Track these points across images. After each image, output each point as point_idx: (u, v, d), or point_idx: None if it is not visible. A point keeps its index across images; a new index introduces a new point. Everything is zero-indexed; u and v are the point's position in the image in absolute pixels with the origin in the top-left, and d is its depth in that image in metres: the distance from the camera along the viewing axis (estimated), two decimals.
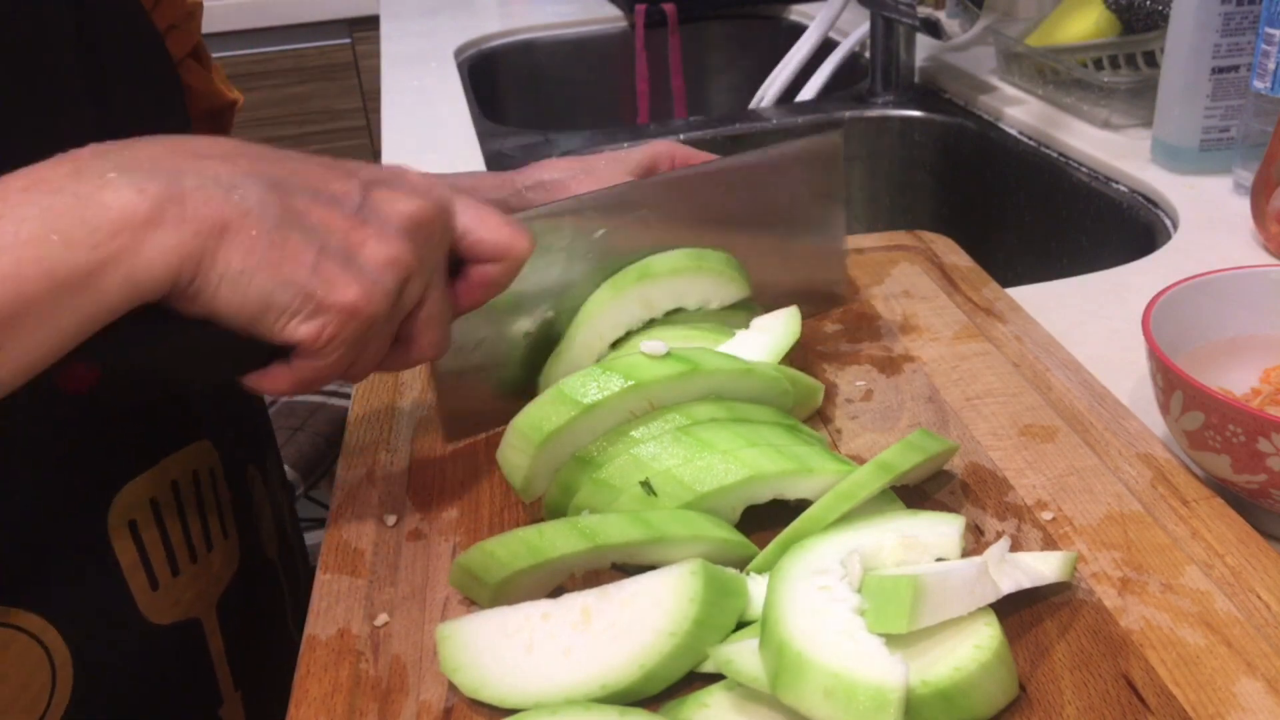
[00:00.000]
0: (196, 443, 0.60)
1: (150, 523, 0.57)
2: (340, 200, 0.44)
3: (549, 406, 0.49)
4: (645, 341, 0.51)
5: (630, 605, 0.43)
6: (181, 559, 0.59)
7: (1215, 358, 0.58)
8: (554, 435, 0.49)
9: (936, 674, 0.39)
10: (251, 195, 0.42)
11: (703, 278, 0.60)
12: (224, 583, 0.63)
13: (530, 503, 0.53)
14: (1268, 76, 0.82)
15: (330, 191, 0.45)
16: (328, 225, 0.44)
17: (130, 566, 0.56)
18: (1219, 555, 0.48)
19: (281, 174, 0.44)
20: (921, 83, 1.27)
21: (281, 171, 0.44)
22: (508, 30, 1.58)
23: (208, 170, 0.42)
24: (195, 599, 0.60)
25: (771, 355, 0.58)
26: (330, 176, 0.45)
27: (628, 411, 0.50)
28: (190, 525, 0.60)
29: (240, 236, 0.41)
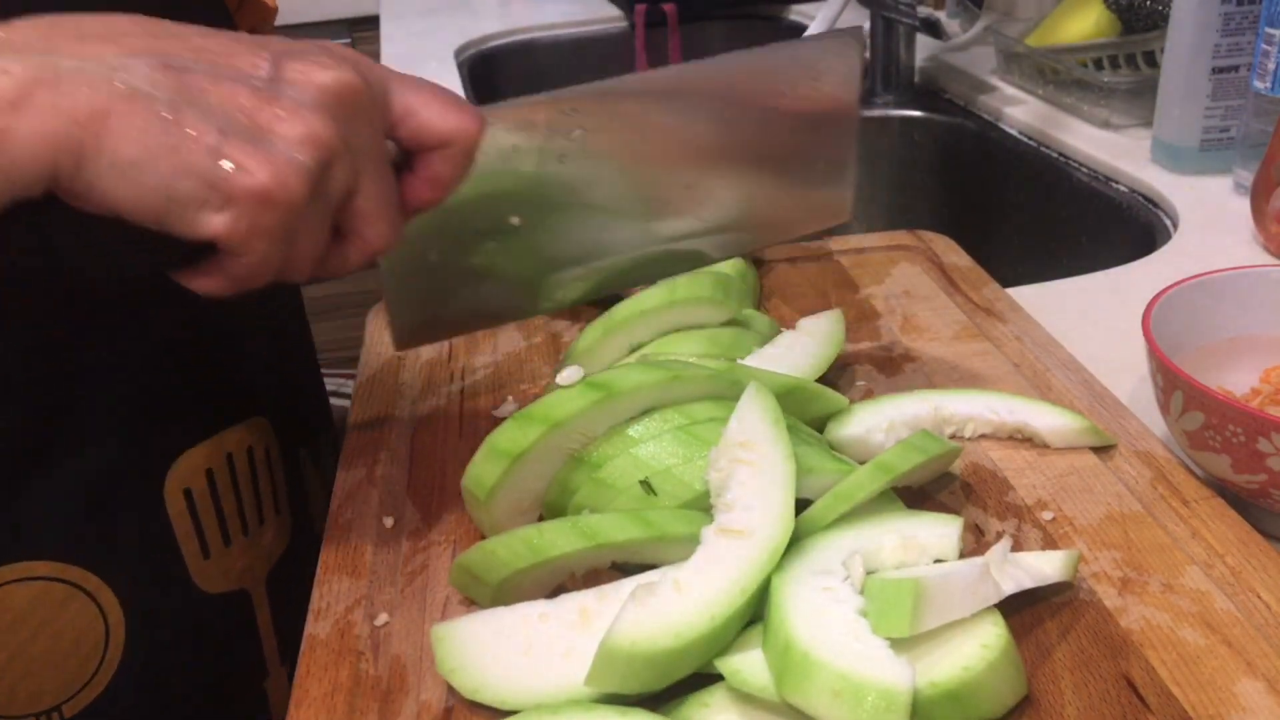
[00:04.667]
0: (254, 419, 0.62)
1: (205, 492, 0.58)
2: (246, 75, 0.40)
3: (484, 464, 0.49)
4: (563, 371, 0.50)
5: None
6: (233, 530, 0.61)
7: (1215, 358, 0.58)
8: (498, 488, 0.49)
9: (944, 674, 0.39)
10: (139, 75, 0.37)
11: (676, 310, 0.58)
12: (274, 558, 0.64)
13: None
14: (1268, 76, 0.82)
15: (235, 66, 0.40)
16: (231, 103, 0.39)
17: (184, 534, 0.58)
18: (1219, 555, 0.48)
19: (177, 50, 0.39)
20: (921, 83, 1.27)
21: (177, 48, 0.39)
22: (508, 30, 1.58)
23: (89, 51, 0.37)
24: (245, 571, 0.62)
25: (814, 368, 0.58)
26: (237, 50, 0.40)
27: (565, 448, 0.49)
28: (244, 498, 0.61)
29: (127, 121, 0.37)
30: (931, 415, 0.56)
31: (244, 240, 0.39)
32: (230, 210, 0.39)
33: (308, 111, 0.40)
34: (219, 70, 0.39)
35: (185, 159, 0.38)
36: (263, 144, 0.39)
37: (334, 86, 0.40)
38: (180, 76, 0.38)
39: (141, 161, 0.37)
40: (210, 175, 0.38)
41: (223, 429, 0.60)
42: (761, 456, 0.46)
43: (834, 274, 0.76)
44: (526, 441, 0.48)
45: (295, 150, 0.39)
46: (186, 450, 0.58)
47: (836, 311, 0.62)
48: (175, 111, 0.38)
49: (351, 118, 0.41)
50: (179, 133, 0.38)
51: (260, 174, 0.38)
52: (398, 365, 0.68)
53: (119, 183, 0.37)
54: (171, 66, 0.38)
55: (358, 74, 0.41)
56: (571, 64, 1.59)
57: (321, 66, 0.40)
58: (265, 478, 0.64)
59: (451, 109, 0.44)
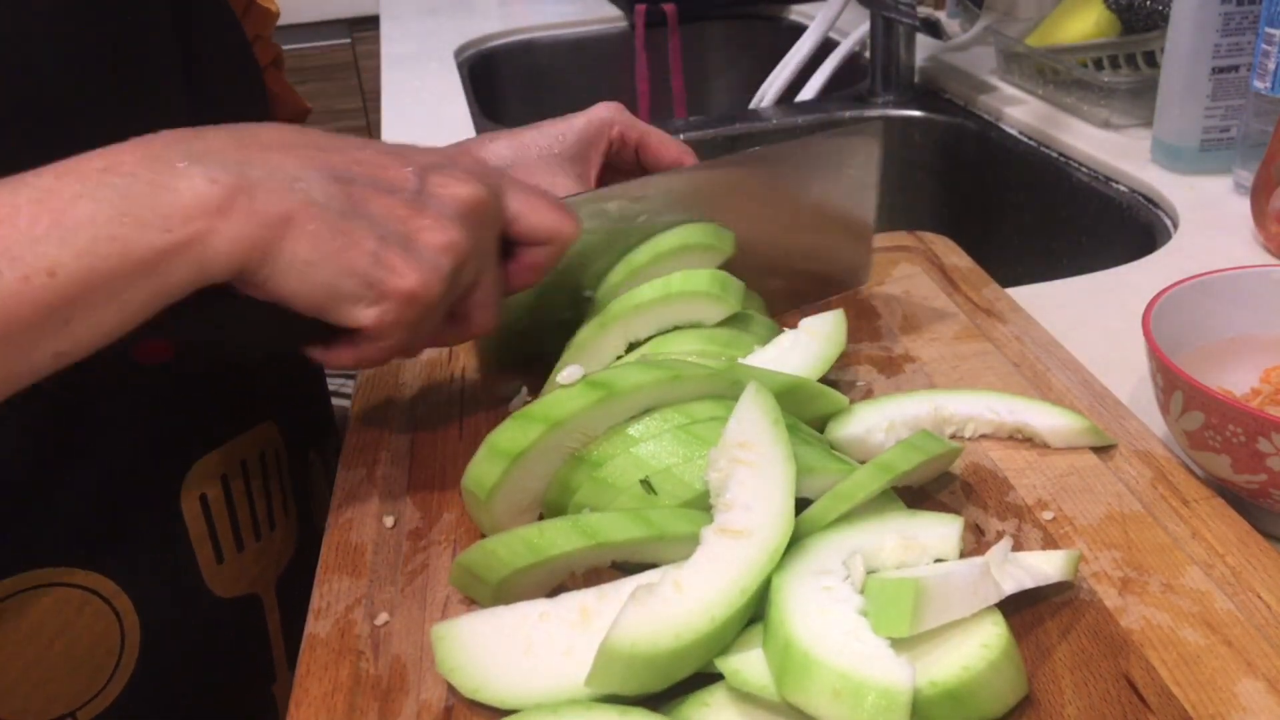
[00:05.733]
0: (264, 424, 0.63)
1: (219, 498, 0.60)
2: (398, 188, 0.46)
3: (484, 464, 0.49)
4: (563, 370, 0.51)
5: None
6: (246, 535, 0.62)
7: (1215, 358, 0.58)
8: (498, 488, 0.49)
9: (945, 674, 0.39)
10: (315, 187, 0.44)
11: (673, 305, 0.58)
12: (284, 562, 0.65)
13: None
14: (1268, 76, 0.82)
15: (388, 179, 0.46)
16: (387, 213, 0.45)
17: (198, 539, 0.59)
18: (1219, 555, 0.48)
19: (342, 163, 0.45)
20: (921, 83, 1.27)
21: (342, 161, 0.45)
22: (508, 30, 1.58)
23: (273, 161, 0.43)
24: (257, 575, 0.63)
25: (815, 368, 0.58)
26: (387, 164, 0.47)
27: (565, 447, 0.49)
28: (255, 503, 0.62)
29: (305, 227, 0.43)
30: (932, 415, 0.56)
31: (387, 330, 0.46)
32: (381, 306, 0.45)
33: (448, 223, 0.46)
34: (376, 183, 0.46)
35: (351, 261, 0.44)
36: (412, 251, 0.46)
37: (469, 200, 0.47)
38: (347, 188, 0.45)
39: (315, 262, 0.44)
40: (370, 276, 0.45)
41: (236, 435, 0.61)
42: (761, 456, 0.46)
43: None
44: (526, 441, 0.48)
45: (438, 257, 0.46)
46: (202, 457, 0.58)
47: (838, 312, 0.62)
48: (345, 220, 0.44)
49: (481, 226, 0.48)
50: (346, 238, 0.44)
51: (411, 278, 0.45)
52: (398, 366, 0.68)
53: (293, 278, 0.44)
54: (340, 179, 0.45)
55: (486, 187, 0.48)
56: (571, 64, 1.59)
57: (459, 182, 0.48)
58: (276, 482, 0.64)
59: (553, 213, 0.52)
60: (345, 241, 0.44)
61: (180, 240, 0.41)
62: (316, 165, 0.44)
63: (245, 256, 0.42)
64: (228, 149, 0.43)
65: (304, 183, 0.43)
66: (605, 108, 0.67)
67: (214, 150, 0.43)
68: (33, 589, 0.52)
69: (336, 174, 0.45)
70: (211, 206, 0.41)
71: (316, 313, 0.45)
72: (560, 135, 0.66)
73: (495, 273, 0.51)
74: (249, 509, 0.61)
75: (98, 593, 0.54)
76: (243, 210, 0.42)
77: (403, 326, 0.47)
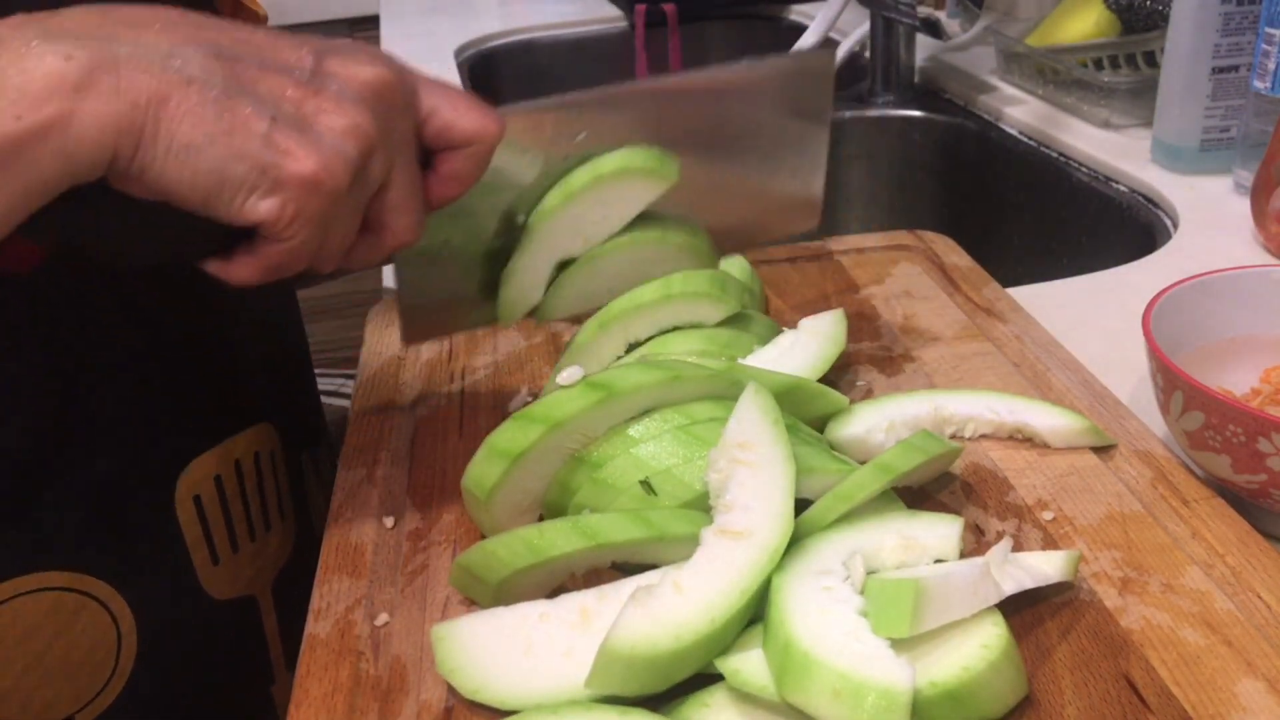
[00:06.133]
0: (259, 424, 0.63)
1: (214, 499, 0.59)
2: (292, 67, 0.41)
3: (484, 464, 0.49)
4: (563, 371, 0.50)
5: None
6: (241, 536, 0.61)
7: (1215, 358, 0.58)
8: (498, 488, 0.49)
9: (945, 674, 0.39)
10: (194, 63, 0.39)
11: (673, 306, 0.58)
12: (280, 563, 0.65)
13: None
14: (1268, 76, 0.82)
15: (281, 59, 0.41)
16: (280, 93, 0.40)
17: (194, 541, 0.58)
18: (1219, 555, 0.48)
19: (226, 41, 0.40)
20: (921, 83, 1.27)
21: (226, 39, 0.41)
22: (508, 30, 1.58)
23: (145, 38, 0.39)
24: (253, 577, 0.63)
25: (815, 368, 0.58)
26: (280, 44, 0.42)
27: (565, 448, 0.49)
28: (250, 504, 0.62)
29: (184, 107, 0.38)
30: (932, 415, 0.56)
31: (287, 225, 0.41)
32: (278, 195, 0.40)
33: (350, 105, 0.41)
34: (266, 61, 0.41)
35: (239, 144, 0.39)
36: (310, 133, 0.40)
37: (374, 82, 0.42)
38: (232, 65, 0.39)
39: (197, 146, 0.38)
40: (262, 161, 0.39)
41: (230, 435, 0.60)
42: (761, 457, 0.46)
43: (834, 274, 0.76)
44: (526, 441, 0.48)
45: (340, 140, 0.41)
46: (196, 458, 0.58)
47: (838, 312, 0.62)
48: (229, 98, 0.39)
49: (388, 113, 0.43)
50: (232, 119, 0.39)
51: (309, 161, 0.40)
52: (398, 365, 0.68)
53: (173, 166, 0.38)
54: (223, 56, 0.39)
55: (393, 71, 0.43)
56: (571, 64, 1.59)
57: (362, 63, 0.42)
58: (271, 483, 0.64)
59: (474, 110, 0.46)
60: (231, 122, 0.39)
61: (34, 125, 0.36)
62: (195, 41, 0.39)
63: (115, 142, 0.37)
64: (89, 26, 0.38)
65: (179, 59, 0.38)
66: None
67: (72, 27, 0.38)
68: (29, 593, 0.52)
69: (219, 50, 0.40)
70: (68, 86, 0.36)
71: (204, 208, 0.40)
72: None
73: (411, 172, 0.45)
74: (244, 510, 0.61)
75: (94, 596, 0.54)
76: (107, 89, 0.37)
77: (306, 221, 0.41)
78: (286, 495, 0.66)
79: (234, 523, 0.61)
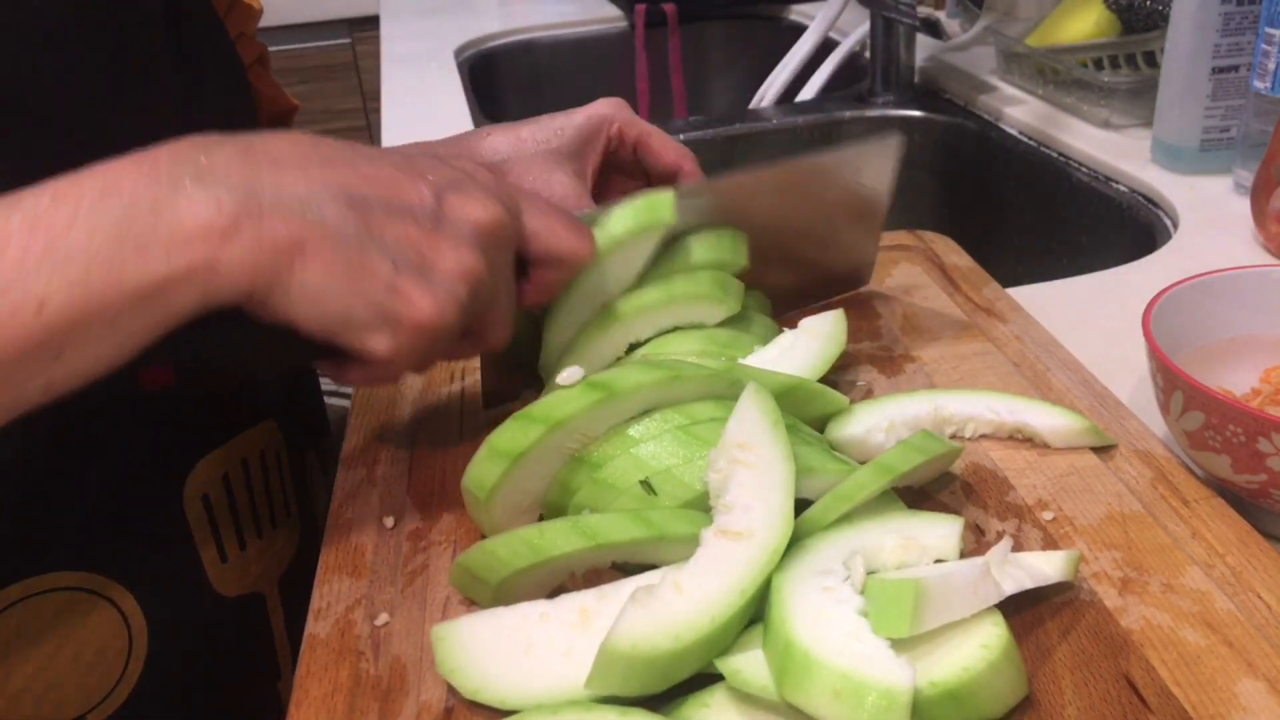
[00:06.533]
0: (265, 423, 0.63)
1: (222, 497, 0.59)
2: (414, 210, 0.44)
3: (484, 464, 0.49)
4: (563, 371, 0.51)
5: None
6: (248, 534, 0.62)
7: (1215, 358, 0.58)
8: (498, 488, 0.49)
9: (945, 674, 0.39)
10: (328, 212, 0.42)
11: (675, 307, 0.58)
12: (286, 560, 0.65)
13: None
14: (1268, 76, 0.82)
15: (404, 201, 0.44)
16: (403, 239, 0.43)
17: (202, 539, 0.59)
18: (1219, 555, 0.48)
19: (355, 183, 0.43)
20: (921, 83, 1.27)
21: (355, 180, 0.43)
22: (508, 30, 1.58)
23: (284, 182, 0.41)
24: (261, 574, 0.63)
25: (815, 368, 0.58)
26: (403, 182, 0.45)
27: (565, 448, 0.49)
28: (257, 501, 0.62)
29: (317, 254, 0.41)
30: (932, 415, 0.56)
31: (399, 357, 0.45)
32: (394, 334, 0.44)
33: (465, 248, 0.45)
34: (391, 205, 0.44)
35: (365, 290, 0.43)
36: (428, 277, 0.44)
37: (488, 223, 0.46)
38: (361, 213, 0.43)
39: (327, 289, 0.42)
40: (385, 306, 0.43)
41: (238, 434, 0.60)
42: (760, 457, 0.46)
43: None
44: (526, 441, 0.48)
45: (454, 284, 0.44)
46: (204, 456, 0.58)
47: (839, 311, 0.62)
48: (359, 246, 0.42)
49: (497, 249, 0.47)
50: (361, 265, 0.42)
51: (427, 308, 0.44)
52: None
53: (303, 304, 0.42)
54: (354, 202, 0.43)
55: (504, 208, 0.47)
56: (571, 64, 1.59)
57: (476, 202, 0.46)
58: (277, 481, 0.64)
59: (571, 232, 0.51)
60: (359, 269, 0.42)
61: (182, 268, 0.39)
62: (329, 186, 0.42)
63: (252, 284, 0.40)
64: (234, 167, 0.41)
65: (316, 206, 0.41)
66: (606, 104, 0.66)
67: (219, 169, 0.40)
68: (40, 594, 0.52)
69: (350, 196, 0.43)
70: (217, 231, 0.39)
71: (327, 339, 0.44)
72: (559, 130, 0.64)
73: (510, 294, 0.50)
74: (250, 507, 0.62)
75: (105, 596, 0.54)
76: (250, 235, 0.40)
77: (416, 353, 0.45)
78: (292, 493, 0.66)
79: (242, 520, 0.61)
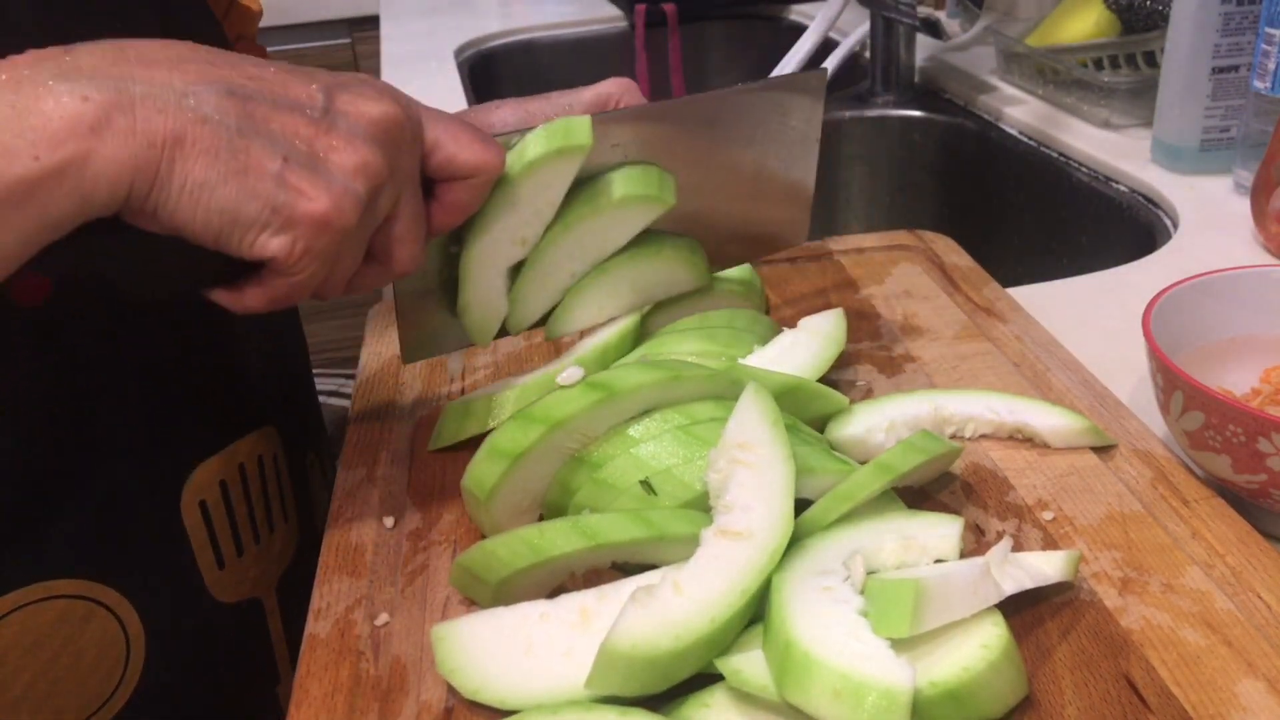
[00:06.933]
0: (262, 428, 0.62)
1: (219, 503, 0.59)
2: (303, 105, 0.42)
3: (484, 464, 0.49)
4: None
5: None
6: (246, 539, 0.61)
7: (1215, 358, 0.58)
8: (498, 488, 0.49)
9: (945, 674, 0.39)
10: (208, 103, 0.39)
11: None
12: (284, 564, 0.65)
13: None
14: (1268, 76, 0.82)
15: (292, 96, 0.42)
16: (291, 132, 0.41)
17: (200, 545, 0.58)
18: (1219, 555, 0.48)
19: (238, 79, 0.41)
20: (921, 83, 1.27)
21: (238, 76, 0.41)
22: (508, 30, 1.58)
23: (158, 77, 0.39)
24: (258, 579, 0.63)
25: (815, 368, 0.58)
26: (290, 81, 0.42)
27: (565, 448, 0.49)
28: (255, 507, 0.62)
29: (198, 147, 0.39)
30: (932, 415, 0.56)
31: (297, 261, 0.42)
32: (289, 233, 0.41)
33: (360, 142, 0.42)
34: (278, 100, 0.41)
35: (252, 184, 0.40)
36: (321, 172, 0.41)
37: (382, 119, 0.43)
38: (245, 104, 0.40)
39: (211, 185, 0.39)
40: (274, 200, 0.40)
41: (234, 440, 0.60)
42: (760, 458, 0.46)
43: (834, 274, 0.76)
44: (527, 441, 0.48)
45: (350, 179, 0.42)
46: (201, 463, 0.58)
47: (838, 311, 0.62)
48: (243, 138, 0.40)
49: (396, 149, 0.44)
50: (246, 158, 0.40)
51: (320, 200, 0.41)
52: (398, 365, 0.68)
53: (187, 204, 0.39)
54: (236, 94, 0.40)
55: (400, 106, 0.44)
56: (571, 64, 1.59)
57: (370, 99, 0.43)
58: (274, 485, 0.64)
59: (477, 143, 0.47)
60: (244, 162, 0.39)
61: (52, 166, 0.36)
62: (208, 80, 0.40)
63: (130, 182, 0.38)
64: (104, 65, 0.38)
65: (194, 98, 0.39)
66: (613, 82, 0.65)
67: (88, 67, 0.38)
68: (37, 602, 0.52)
69: (232, 89, 0.40)
70: (85, 127, 0.37)
71: (216, 244, 0.41)
72: (568, 105, 0.63)
73: (416, 204, 0.46)
74: (248, 513, 0.61)
75: (102, 603, 0.54)
76: (123, 129, 0.37)
77: (315, 257, 0.42)
78: (290, 497, 0.66)
79: (239, 526, 0.61)
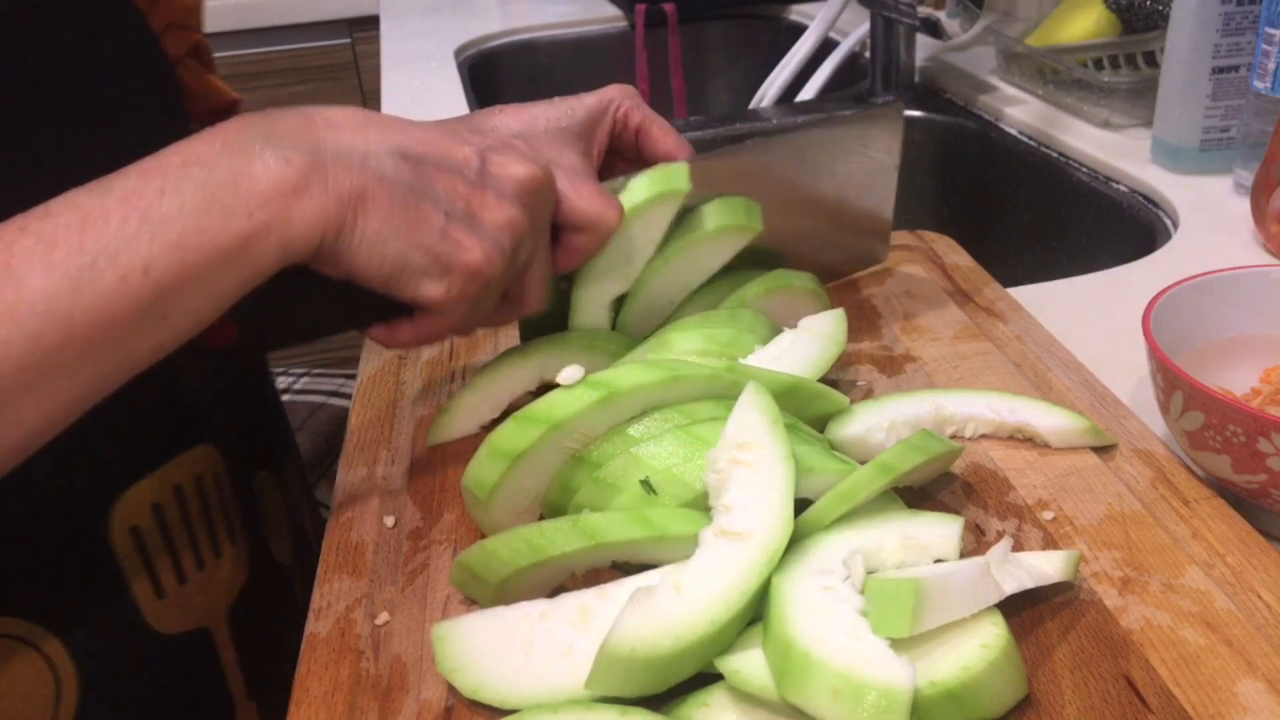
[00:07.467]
0: (199, 446, 0.59)
1: (154, 529, 0.56)
2: (461, 167, 0.48)
3: (484, 464, 0.49)
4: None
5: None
6: (188, 566, 0.58)
7: (1215, 358, 0.58)
8: (498, 488, 0.49)
9: (945, 674, 0.39)
10: (386, 164, 0.46)
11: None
12: (234, 591, 0.62)
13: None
14: (1268, 76, 0.82)
15: (452, 158, 0.48)
16: (452, 191, 0.47)
17: (134, 573, 0.55)
18: (1219, 555, 0.48)
19: (408, 142, 0.47)
20: (921, 83, 1.27)
21: (406, 140, 0.47)
22: (508, 30, 1.58)
23: (344, 140, 0.45)
24: (205, 608, 0.59)
25: (815, 368, 0.58)
26: (450, 144, 0.48)
27: (565, 448, 0.50)
28: (196, 532, 0.58)
29: (377, 203, 0.45)
30: (932, 415, 0.56)
31: (451, 304, 0.48)
32: (446, 279, 0.48)
33: (507, 201, 0.49)
34: (441, 161, 0.48)
35: (420, 236, 0.46)
36: (475, 227, 0.48)
37: (527, 180, 0.49)
38: (416, 166, 0.47)
39: (385, 236, 0.46)
40: (437, 250, 0.47)
41: (166, 461, 0.57)
42: (760, 458, 0.46)
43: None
44: (527, 441, 0.48)
45: (499, 233, 0.48)
46: (129, 486, 0.55)
47: (839, 311, 0.62)
48: (414, 195, 0.46)
49: (535, 206, 0.50)
50: (416, 213, 0.46)
51: (475, 252, 0.48)
52: (398, 365, 0.68)
53: (365, 253, 0.46)
54: (408, 157, 0.47)
55: (541, 168, 0.50)
56: (571, 64, 1.59)
57: (516, 162, 0.49)
58: (218, 508, 0.60)
59: (599, 198, 0.54)
60: (415, 216, 0.46)
61: (263, 223, 0.42)
62: (385, 142, 0.46)
63: (322, 233, 0.44)
64: (298, 129, 0.44)
65: (374, 160, 0.45)
66: (616, 89, 0.66)
67: (284, 132, 0.44)
68: None
69: (405, 152, 0.46)
70: (289, 187, 0.43)
71: (385, 287, 0.47)
72: (570, 110, 0.64)
73: (547, 252, 0.53)
74: (188, 538, 0.58)
75: (25, 640, 0.51)
76: (319, 188, 0.43)
77: (465, 301, 0.49)
78: (237, 519, 0.62)
79: (179, 552, 0.57)
